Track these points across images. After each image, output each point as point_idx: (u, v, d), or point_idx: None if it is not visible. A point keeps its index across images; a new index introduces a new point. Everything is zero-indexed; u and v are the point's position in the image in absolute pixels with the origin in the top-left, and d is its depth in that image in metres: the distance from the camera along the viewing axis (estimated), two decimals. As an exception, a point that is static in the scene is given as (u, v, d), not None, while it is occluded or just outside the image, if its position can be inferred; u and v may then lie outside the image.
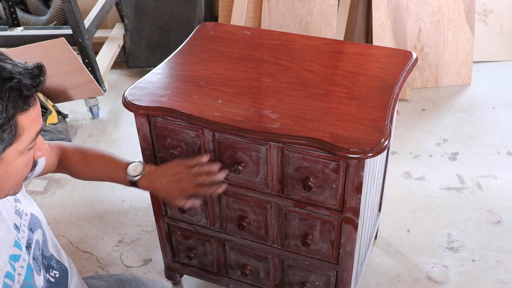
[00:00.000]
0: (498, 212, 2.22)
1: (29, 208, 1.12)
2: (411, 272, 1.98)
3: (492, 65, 3.30)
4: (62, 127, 2.69)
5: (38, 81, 0.89)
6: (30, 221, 1.10)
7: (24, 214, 1.08)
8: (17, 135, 0.89)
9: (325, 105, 1.35)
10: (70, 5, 2.60)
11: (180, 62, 1.58)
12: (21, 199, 1.11)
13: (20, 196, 1.11)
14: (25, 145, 0.92)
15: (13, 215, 1.04)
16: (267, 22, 3.04)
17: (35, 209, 1.15)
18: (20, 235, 1.04)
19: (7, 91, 0.85)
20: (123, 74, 3.34)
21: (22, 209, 1.08)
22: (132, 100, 1.40)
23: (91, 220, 2.25)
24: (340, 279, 1.51)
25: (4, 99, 0.85)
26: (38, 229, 1.12)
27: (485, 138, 2.68)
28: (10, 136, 0.88)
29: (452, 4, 2.96)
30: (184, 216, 1.61)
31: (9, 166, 0.92)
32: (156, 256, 2.07)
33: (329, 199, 1.35)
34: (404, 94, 2.95)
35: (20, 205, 1.09)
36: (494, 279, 1.94)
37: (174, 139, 1.43)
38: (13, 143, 0.89)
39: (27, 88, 0.87)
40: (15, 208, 1.06)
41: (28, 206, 1.13)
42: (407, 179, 2.42)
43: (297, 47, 1.62)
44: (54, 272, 1.15)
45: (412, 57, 1.56)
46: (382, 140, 1.23)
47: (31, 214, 1.11)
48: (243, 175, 1.40)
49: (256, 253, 1.59)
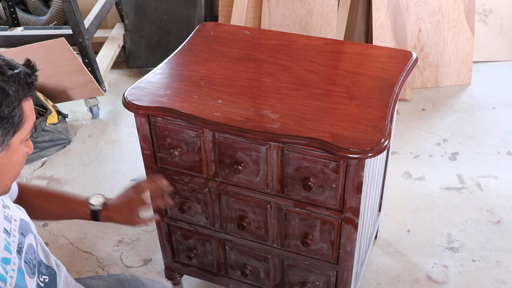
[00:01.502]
0: (498, 212, 2.22)
1: (18, 214, 1.13)
2: (411, 272, 1.98)
3: (492, 65, 3.30)
4: (62, 127, 2.69)
5: (35, 70, 0.97)
6: (20, 226, 1.10)
7: (13, 219, 1.09)
8: (22, 122, 0.95)
9: (325, 105, 1.35)
10: (70, 5, 2.60)
11: (180, 62, 1.58)
12: (10, 206, 1.11)
13: (9, 203, 1.12)
14: (26, 134, 0.97)
15: (2, 220, 1.05)
16: (267, 22, 3.04)
17: (24, 216, 1.15)
18: (10, 239, 1.04)
19: (16, 77, 0.92)
20: (123, 74, 3.34)
21: (11, 215, 1.09)
22: (132, 100, 1.40)
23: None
24: (340, 279, 1.51)
25: (15, 84, 0.91)
26: (30, 233, 1.12)
27: (485, 138, 2.68)
28: (18, 121, 0.93)
29: (452, 4, 2.96)
30: (184, 216, 1.61)
31: (13, 155, 0.96)
32: (156, 256, 2.07)
33: (329, 199, 1.35)
34: (404, 94, 2.95)
35: (9, 211, 1.09)
36: (494, 279, 1.94)
37: (174, 139, 1.43)
38: (19, 130, 0.94)
39: (29, 76, 0.95)
40: (3, 214, 1.07)
41: (17, 212, 1.13)
42: (407, 179, 2.42)
43: (297, 47, 1.62)
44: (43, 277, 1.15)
45: (412, 57, 1.56)
46: (382, 140, 1.23)
47: (21, 219, 1.11)
48: (243, 175, 1.40)
49: (256, 253, 1.59)
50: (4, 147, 0.93)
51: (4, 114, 0.90)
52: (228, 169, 1.42)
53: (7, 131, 0.92)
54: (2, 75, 0.90)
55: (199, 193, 1.52)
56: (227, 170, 1.42)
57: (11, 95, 0.90)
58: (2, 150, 0.93)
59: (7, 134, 0.92)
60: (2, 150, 0.93)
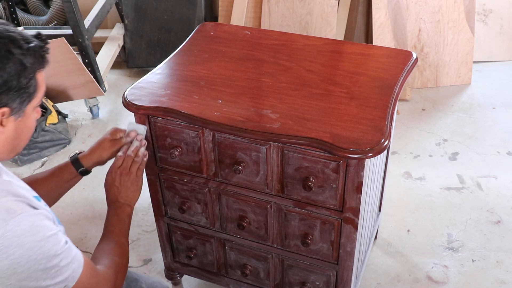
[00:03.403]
0: (498, 212, 2.22)
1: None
2: (411, 272, 1.98)
3: (492, 65, 3.30)
4: (62, 127, 2.69)
5: (47, 42, 1.06)
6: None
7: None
8: (36, 91, 1.04)
9: (325, 105, 1.35)
10: (70, 5, 2.60)
11: (180, 62, 1.58)
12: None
13: None
14: (37, 102, 1.07)
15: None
16: (267, 22, 3.04)
17: None
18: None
19: (32, 50, 1.01)
20: (123, 74, 3.34)
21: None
22: (132, 100, 1.40)
23: (91, 220, 2.25)
24: (340, 279, 1.51)
25: (32, 56, 1.01)
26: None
27: (485, 138, 2.68)
28: (33, 90, 1.03)
29: (452, 4, 2.96)
30: (184, 216, 1.61)
31: (27, 120, 1.06)
32: (156, 256, 2.07)
33: (329, 199, 1.35)
34: (404, 94, 2.95)
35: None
36: (494, 279, 1.94)
37: (174, 139, 1.43)
38: (33, 99, 1.04)
39: (43, 48, 1.04)
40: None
41: None
42: (407, 179, 2.42)
43: (297, 47, 1.62)
44: None
45: (412, 57, 1.56)
46: (382, 140, 1.23)
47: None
48: (243, 175, 1.40)
49: (256, 253, 1.59)
50: (20, 114, 1.03)
51: (22, 85, 1.00)
52: (228, 169, 1.42)
53: (23, 100, 1.02)
54: (20, 49, 0.99)
55: (199, 193, 1.52)
56: (227, 170, 1.42)
57: (28, 67, 1.00)
58: (19, 117, 1.03)
59: (23, 102, 1.02)
60: (18, 116, 1.03)
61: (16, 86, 0.99)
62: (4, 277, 0.95)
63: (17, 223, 0.95)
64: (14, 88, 0.99)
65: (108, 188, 1.40)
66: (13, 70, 0.98)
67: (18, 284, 0.96)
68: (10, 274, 0.95)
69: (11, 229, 0.94)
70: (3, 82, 0.97)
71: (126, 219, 1.37)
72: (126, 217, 1.38)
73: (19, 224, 0.95)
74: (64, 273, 1.02)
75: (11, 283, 0.96)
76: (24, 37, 1.01)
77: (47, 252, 0.98)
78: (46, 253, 0.98)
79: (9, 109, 1.00)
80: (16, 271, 0.95)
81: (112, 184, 1.39)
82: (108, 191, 1.40)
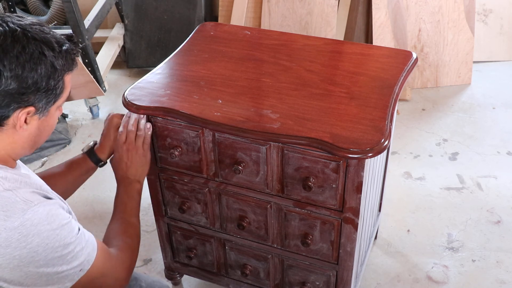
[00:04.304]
0: (498, 212, 2.22)
1: None
2: (411, 272, 1.98)
3: (492, 65, 3.30)
4: (62, 127, 2.69)
5: (78, 45, 1.10)
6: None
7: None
8: (62, 92, 1.07)
9: (325, 105, 1.35)
10: (70, 5, 2.61)
11: (180, 62, 1.58)
12: None
13: None
14: (62, 102, 1.09)
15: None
16: (267, 22, 3.04)
17: None
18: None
19: (64, 53, 1.04)
20: (123, 74, 3.34)
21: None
22: (132, 100, 1.40)
23: (91, 220, 2.25)
24: (340, 279, 1.51)
25: (63, 58, 1.03)
26: None
27: (485, 138, 2.68)
28: (60, 92, 1.06)
29: (452, 4, 2.96)
30: (184, 216, 1.61)
31: (50, 119, 1.09)
32: (156, 256, 2.07)
33: (329, 199, 1.35)
34: (404, 94, 2.95)
35: None
36: (494, 279, 1.94)
37: (174, 139, 1.43)
38: (59, 99, 1.07)
39: (74, 52, 1.07)
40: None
41: None
42: (407, 179, 2.42)
43: (297, 47, 1.62)
44: None
45: (412, 57, 1.56)
46: (382, 140, 1.23)
47: None
48: (243, 175, 1.40)
49: (256, 253, 1.59)
50: (45, 113, 1.05)
51: (50, 86, 1.02)
52: (228, 169, 1.42)
53: (50, 100, 1.04)
54: (53, 51, 1.01)
55: (199, 193, 1.52)
56: (227, 170, 1.42)
57: (58, 70, 1.03)
58: (43, 116, 1.06)
59: (49, 103, 1.05)
60: (43, 115, 1.05)
61: (45, 87, 1.01)
62: (23, 265, 0.98)
63: (34, 212, 0.98)
64: (42, 89, 1.01)
65: (117, 166, 1.40)
66: (44, 72, 1.00)
67: (36, 271, 1.00)
68: (28, 262, 0.98)
69: (29, 218, 0.97)
70: (33, 83, 0.99)
71: (136, 196, 1.39)
72: (136, 194, 1.39)
73: (36, 213, 0.98)
74: (79, 258, 1.06)
75: (30, 270, 0.99)
76: (58, 40, 1.03)
77: (62, 240, 1.02)
78: (62, 241, 1.02)
79: (34, 108, 1.02)
80: (34, 259, 0.98)
81: (120, 161, 1.39)
82: (117, 168, 1.41)
